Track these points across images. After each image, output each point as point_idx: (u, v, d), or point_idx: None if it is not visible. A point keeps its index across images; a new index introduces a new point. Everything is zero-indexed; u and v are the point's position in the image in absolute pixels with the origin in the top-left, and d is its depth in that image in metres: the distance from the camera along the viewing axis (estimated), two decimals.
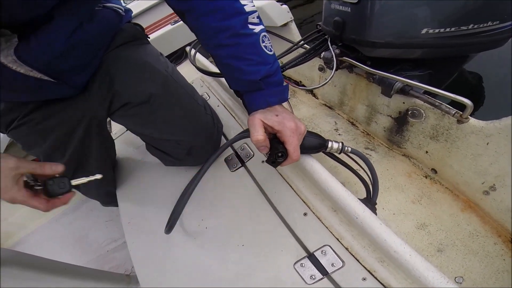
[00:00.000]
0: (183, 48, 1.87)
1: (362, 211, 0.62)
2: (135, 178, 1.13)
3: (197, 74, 1.54)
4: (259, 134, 0.65)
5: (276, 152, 0.65)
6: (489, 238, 0.90)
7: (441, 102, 0.90)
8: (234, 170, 0.95)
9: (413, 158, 1.13)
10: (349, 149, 0.77)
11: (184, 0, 0.65)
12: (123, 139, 1.35)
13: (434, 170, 1.06)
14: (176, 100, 0.92)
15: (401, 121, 1.09)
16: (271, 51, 0.68)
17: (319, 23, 1.20)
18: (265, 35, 0.67)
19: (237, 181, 0.92)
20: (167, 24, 1.89)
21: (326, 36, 1.13)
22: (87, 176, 0.66)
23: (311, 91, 1.59)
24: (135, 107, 0.87)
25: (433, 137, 1.00)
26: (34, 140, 0.88)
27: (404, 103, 1.03)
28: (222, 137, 1.08)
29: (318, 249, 0.68)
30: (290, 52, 1.16)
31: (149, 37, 1.03)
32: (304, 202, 0.78)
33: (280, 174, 0.86)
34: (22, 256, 1.02)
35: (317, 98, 1.58)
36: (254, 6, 0.66)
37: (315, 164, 0.73)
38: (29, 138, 0.88)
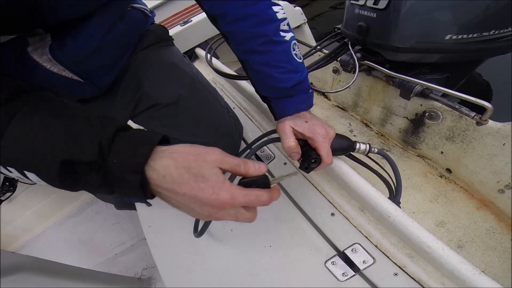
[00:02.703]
0: (193, 49, 1.87)
1: (394, 210, 0.65)
2: None
3: (208, 76, 1.55)
4: (290, 141, 0.66)
5: (310, 158, 0.66)
6: (506, 234, 0.93)
7: (460, 105, 0.93)
8: None
9: (428, 159, 1.16)
10: (376, 150, 0.79)
11: (217, 5, 0.65)
12: None
13: (449, 170, 1.10)
14: (201, 101, 0.92)
15: (417, 123, 1.11)
16: (300, 58, 0.70)
17: (338, 26, 1.22)
18: (295, 43, 0.69)
19: None
20: (175, 24, 1.89)
21: (346, 40, 1.15)
22: (285, 175, 0.57)
23: (322, 93, 1.61)
24: (162, 109, 0.87)
25: (449, 138, 1.03)
26: None
27: (421, 105, 1.05)
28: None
29: (348, 247, 0.70)
30: (309, 56, 1.18)
31: (173, 39, 1.03)
32: (330, 202, 0.79)
33: (304, 176, 0.87)
34: (40, 262, 1.03)
35: (329, 100, 1.60)
36: (284, 13, 0.66)
37: (343, 166, 0.75)
38: None
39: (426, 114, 1.05)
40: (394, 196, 0.81)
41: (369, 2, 0.96)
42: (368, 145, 0.77)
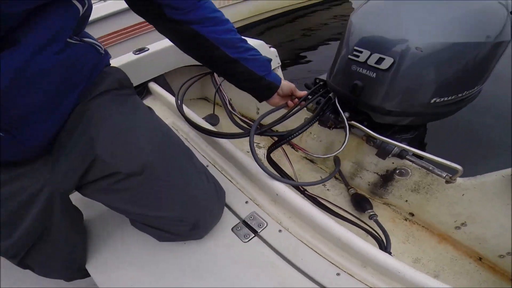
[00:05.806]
0: (146, 83, 1.61)
1: (402, 265, 0.73)
2: (109, 248, 0.95)
3: (167, 119, 1.39)
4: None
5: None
6: (464, 260, 1.13)
7: (433, 166, 1.00)
8: (247, 241, 0.89)
9: (393, 205, 1.31)
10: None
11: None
12: None
13: (412, 214, 1.27)
14: (175, 168, 0.78)
15: (386, 178, 1.24)
16: None
17: (320, 77, 1.19)
18: None
19: (254, 251, 0.87)
20: (124, 50, 1.61)
21: (331, 95, 1.12)
22: None
23: (289, 143, 1.35)
24: (122, 180, 0.70)
25: (414, 190, 1.19)
26: None
27: (393, 163, 1.19)
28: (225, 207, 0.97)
29: None
30: (293, 114, 1.06)
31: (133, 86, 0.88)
32: (332, 263, 0.82)
33: (301, 241, 0.88)
34: None
35: (296, 151, 1.60)
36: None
37: (341, 229, 0.81)
38: None
39: (397, 171, 1.18)
40: (385, 248, 0.94)
41: (371, 60, 0.89)
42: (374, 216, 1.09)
